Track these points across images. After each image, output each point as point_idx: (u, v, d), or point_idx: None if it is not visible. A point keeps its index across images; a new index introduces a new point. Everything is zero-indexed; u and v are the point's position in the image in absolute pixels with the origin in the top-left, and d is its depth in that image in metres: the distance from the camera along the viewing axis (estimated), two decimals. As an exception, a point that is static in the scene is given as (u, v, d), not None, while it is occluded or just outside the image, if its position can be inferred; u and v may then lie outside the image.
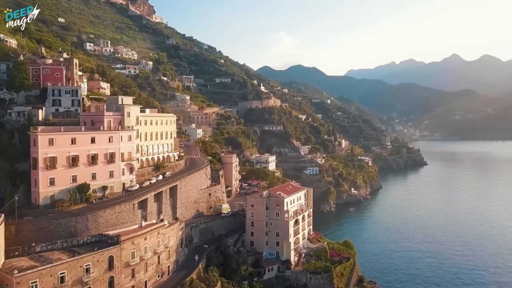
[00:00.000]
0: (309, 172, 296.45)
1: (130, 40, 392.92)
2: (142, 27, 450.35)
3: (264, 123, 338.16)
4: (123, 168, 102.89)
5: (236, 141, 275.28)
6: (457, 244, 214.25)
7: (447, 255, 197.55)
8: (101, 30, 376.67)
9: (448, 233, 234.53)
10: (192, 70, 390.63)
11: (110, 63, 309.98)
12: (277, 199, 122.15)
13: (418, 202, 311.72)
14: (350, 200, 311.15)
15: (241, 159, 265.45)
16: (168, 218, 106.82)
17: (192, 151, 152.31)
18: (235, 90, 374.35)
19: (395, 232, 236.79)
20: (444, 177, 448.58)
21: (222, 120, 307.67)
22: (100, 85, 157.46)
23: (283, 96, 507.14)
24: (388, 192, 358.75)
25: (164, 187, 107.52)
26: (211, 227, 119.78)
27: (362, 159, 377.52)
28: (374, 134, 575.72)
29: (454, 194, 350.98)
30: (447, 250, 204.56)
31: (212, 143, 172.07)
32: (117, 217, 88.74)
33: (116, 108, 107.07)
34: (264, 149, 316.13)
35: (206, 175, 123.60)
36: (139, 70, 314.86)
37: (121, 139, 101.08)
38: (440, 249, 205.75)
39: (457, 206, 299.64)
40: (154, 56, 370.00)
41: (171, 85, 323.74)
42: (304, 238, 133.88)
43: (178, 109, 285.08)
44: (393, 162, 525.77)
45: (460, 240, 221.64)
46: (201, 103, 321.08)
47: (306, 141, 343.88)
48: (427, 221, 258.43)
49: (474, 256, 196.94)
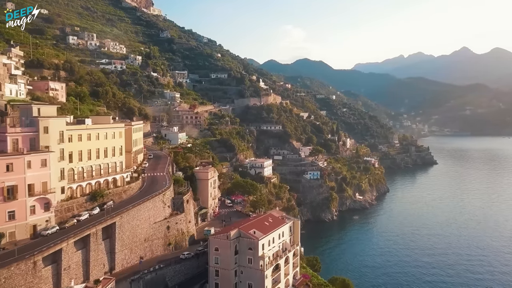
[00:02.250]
0: (310, 176, 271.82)
1: (120, 33, 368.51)
2: (135, 20, 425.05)
3: (261, 123, 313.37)
4: (33, 204, 75.08)
5: (229, 143, 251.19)
6: (474, 264, 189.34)
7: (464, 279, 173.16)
8: (89, 22, 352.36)
9: (464, 249, 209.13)
10: (186, 65, 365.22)
11: (94, 58, 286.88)
12: (250, 240, 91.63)
13: (428, 209, 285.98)
14: (355, 206, 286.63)
15: (233, 163, 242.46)
16: (100, 269, 79.76)
17: (159, 165, 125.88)
18: (232, 87, 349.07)
19: (402, 247, 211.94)
20: (456, 178, 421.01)
21: (215, 119, 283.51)
22: (49, 86, 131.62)
23: (284, 92, 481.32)
24: (395, 196, 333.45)
25: (93, 228, 77.18)
26: (162, 277, 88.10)
27: (368, 160, 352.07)
28: (381, 132, 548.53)
29: (466, 198, 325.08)
30: (464, 273, 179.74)
31: (187, 154, 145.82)
32: (4, 286, 58.29)
33: (29, 122, 79.37)
34: (261, 151, 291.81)
35: (164, 202, 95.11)
36: (126, 66, 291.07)
37: (28, 165, 73.15)
38: (456, 271, 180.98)
39: (471, 214, 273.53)
40: (145, 50, 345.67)
41: (161, 81, 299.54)
42: (288, 286, 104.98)
43: (166, 108, 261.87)
44: (401, 162, 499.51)
45: (477, 259, 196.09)
46: (193, 101, 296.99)
47: (308, 142, 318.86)
48: (438, 234, 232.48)
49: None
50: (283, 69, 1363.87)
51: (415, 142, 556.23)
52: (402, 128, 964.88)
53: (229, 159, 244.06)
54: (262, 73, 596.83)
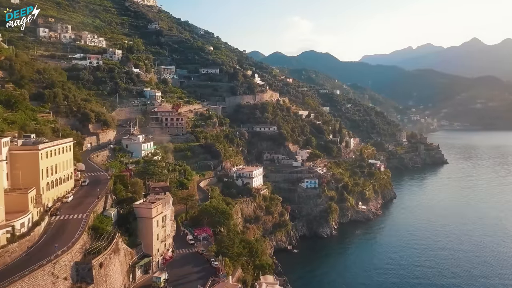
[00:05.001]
0: (307, 185, 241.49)
1: (104, 25, 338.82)
2: (123, 10, 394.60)
3: (254, 123, 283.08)
4: None
5: (214, 149, 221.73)
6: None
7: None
8: (68, 13, 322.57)
9: (483, 275, 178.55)
10: (174, 59, 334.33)
11: (67, 52, 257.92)
12: None
13: (438, 220, 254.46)
14: (357, 217, 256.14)
15: (217, 173, 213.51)
16: None
17: (88, 198, 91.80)
18: (223, 83, 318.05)
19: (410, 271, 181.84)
20: (468, 180, 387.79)
21: (201, 121, 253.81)
22: None
23: (284, 88, 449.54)
24: (403, 203, 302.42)
25: None
26: None
27: (373, 164, 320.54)
28: (388, 129, 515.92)
29: (481, 204, 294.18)
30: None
31: (133, 179, 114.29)
32: None
33: None
34: (252, 156, 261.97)
35: (56, 275, 58.91)
36: (104, 61, 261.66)
37: None
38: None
39: (487, 226, 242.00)
40: (129, 43, 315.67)
41: (143, 78, 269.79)
42: None
43: (143, 109, 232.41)
44: (409, 161, 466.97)
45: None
46: (177, 100, 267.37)
47: (306, 144, 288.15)
48: (451, 254, 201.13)
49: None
50: (288, 61, 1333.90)
51: (424, 140, 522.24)
52: (410, 122, 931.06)
53: (213, 167, 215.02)
54: (262, 67, 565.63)
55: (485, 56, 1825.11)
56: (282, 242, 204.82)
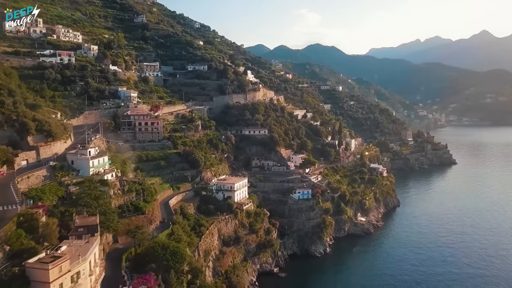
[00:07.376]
0: (299, 196, 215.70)
1: (84, 18, 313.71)
2: (108, 2, 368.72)
3: (244, 126, 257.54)
4: None
5: (191, 157, 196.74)
6: None
7: None
8: (45, 5, 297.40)
9: None
10: (159, 55, 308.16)
11: (35, 48, 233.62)
12: None
13: (447, 233, 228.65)
14: (355, 231, 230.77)
15: (195, 185, 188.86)
16: None
17: None
18: (212, 81, 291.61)
19: None
20: (479, 183, 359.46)
21: (182, 124, 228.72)
22: None
23: (281, 85, 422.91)
24: (407, 212, 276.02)
25: None
26: None
27: (375, 168, 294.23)
28: (393, 127, 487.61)
29: (493, 210, 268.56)
30: None
31: (48, 219, 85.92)
32: None
33: None
34: (240, 163, 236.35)
35: None
36: (76, 57, 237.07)
37: None
38: None
39: (504, 241, 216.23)
40: (109, 38, 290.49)
41: (121, 76, 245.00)
42: None
43: (115, 112, 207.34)
44: (415, 162, 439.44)
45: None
46: (158, 101, 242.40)
47: (301, 148, 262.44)
48: (461, 277, 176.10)
49: None
50: (292, 55, 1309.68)
51: (431, 138, 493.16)
52: (418, 118, 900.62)
53: (191, 178, 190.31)
54: (261, 62, 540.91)
55: (495, 49, 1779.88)
56: (267, 264, 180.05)
